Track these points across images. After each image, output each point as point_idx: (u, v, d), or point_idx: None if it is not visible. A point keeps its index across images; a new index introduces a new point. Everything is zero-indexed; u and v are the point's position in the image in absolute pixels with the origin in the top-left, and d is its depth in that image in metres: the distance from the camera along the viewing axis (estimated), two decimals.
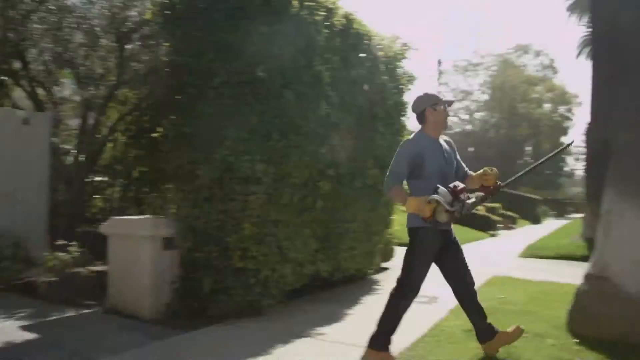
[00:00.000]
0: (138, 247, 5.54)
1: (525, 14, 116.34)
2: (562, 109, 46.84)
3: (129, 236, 5.64)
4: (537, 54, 50.12)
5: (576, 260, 11.24)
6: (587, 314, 5.07)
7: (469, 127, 49.25)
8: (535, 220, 30.03)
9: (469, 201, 3.93)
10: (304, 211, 6.03)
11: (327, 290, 6.92)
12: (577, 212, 55.90)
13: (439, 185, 3.83)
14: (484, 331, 4.44)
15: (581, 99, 46.85)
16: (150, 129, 7.05)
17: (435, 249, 4.19)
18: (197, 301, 5.39)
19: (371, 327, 5.38)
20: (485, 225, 18.94)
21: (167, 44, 5.91)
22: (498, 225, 20.27)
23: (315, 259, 6.42)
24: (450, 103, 4.26)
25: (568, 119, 47.02)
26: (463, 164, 4.41)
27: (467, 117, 49.52)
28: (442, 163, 4.06)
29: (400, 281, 4.21)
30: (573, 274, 9.32)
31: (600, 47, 14.14)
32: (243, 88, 5.31)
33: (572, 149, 49.19)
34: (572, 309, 5.31)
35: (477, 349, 4.64)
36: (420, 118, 4.17)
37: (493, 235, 18.49)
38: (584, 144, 33.99)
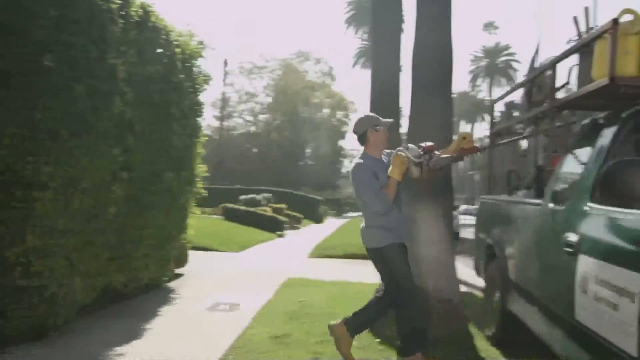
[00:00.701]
0: None
1: (307, 23, 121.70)
2: (339, 114, 49.66)
3: None
4: (317, 61, 52.62)
5: (364, 258, 11.86)
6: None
7: (253, 128, 50.02)
8: (318, 219, 31.39)
9: (443, 156, 4.08)
10: (95, 218, 5.46)
11: (121, 303, 6.36)
12: (353, 211, 59.97)
13: (409, 145, 4.24)
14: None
15: (357, 106, 50.11)
16: None
17: (405, 256, 4.30)
18: None
19: (173, 341, 5.07)
20: (273, 226, 19.26)
21: None
22: (285, 225, 20.75)
23: (107, 270, 5.88)
24: (388, 124, 4.43)
25: (345, 124, 50.00)
26: None
27: (251, 118, 50.25)
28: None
29: (402, 297, 4.26)
30: (365, 272, 9.80)
31: (381, 62, 15.04)
32: (26, 78, 4.61)
33: (348, 152, 52.64)
34: None
35: (287, 357, 4.57)
36: (362, 139, 4.37)
37: (281, 236, 18.87)
38: None
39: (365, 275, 9.27)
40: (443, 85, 5.64)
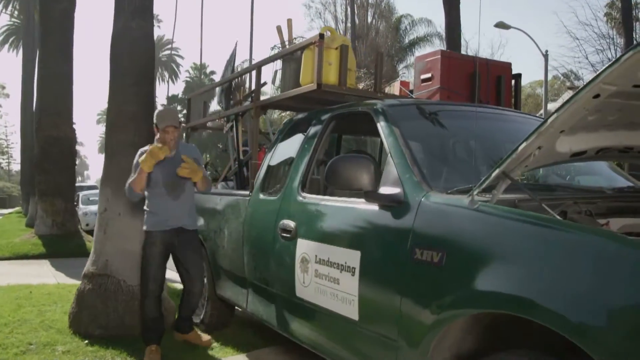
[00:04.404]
0: None
1: None
2: None
3: None
4: None
5: (36, 258, 11.05)
6: (93, 313, 5.06)
7: None
8: None
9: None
10: None
11: None
12: (4, 207, 54.06)
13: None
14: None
15: (9, 91, 45.29)
16: None
17: (159, 250, 4.44)
18: None
19: None
20: None
21: None
22: None
23: None
24: (165, 127, 4.32)
25: None
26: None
27: None
28: (168, 173, 4.34)
29: (140, 282, 4.65)
30: (43, 272, 9.18)
31: (50, 44, 14.02)
32: None
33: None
34: (75, 310, 5.20)
35: None
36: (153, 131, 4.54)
37: None
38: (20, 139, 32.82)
39: (46, 276, 8.69)
40: (146, 74, 5.62)
